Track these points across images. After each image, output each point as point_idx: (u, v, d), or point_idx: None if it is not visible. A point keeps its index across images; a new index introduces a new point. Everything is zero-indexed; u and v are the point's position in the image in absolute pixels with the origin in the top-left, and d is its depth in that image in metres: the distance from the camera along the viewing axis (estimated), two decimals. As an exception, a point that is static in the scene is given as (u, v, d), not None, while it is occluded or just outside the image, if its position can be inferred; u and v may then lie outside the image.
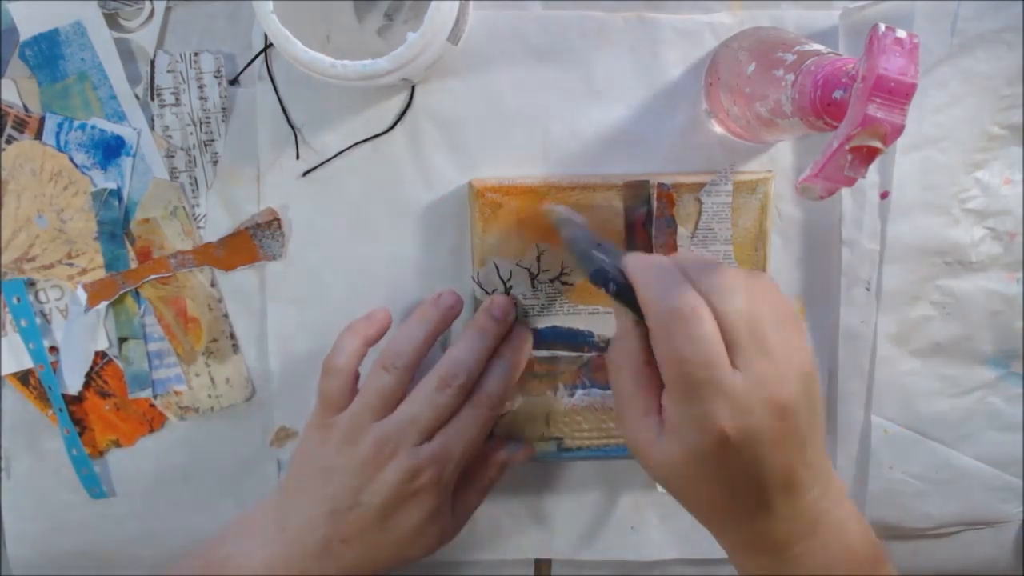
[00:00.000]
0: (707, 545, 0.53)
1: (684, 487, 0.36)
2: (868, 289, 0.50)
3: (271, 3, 0.39)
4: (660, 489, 0.49)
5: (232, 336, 0.51)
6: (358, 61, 0.40)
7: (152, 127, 0.49)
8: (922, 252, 0.50)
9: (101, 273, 0.50)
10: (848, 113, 0.29)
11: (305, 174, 0.49)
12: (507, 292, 0.48)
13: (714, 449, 0.33)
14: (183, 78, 0.48)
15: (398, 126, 0.49)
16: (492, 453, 0.48)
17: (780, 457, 0.33)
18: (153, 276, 0.50)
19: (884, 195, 0.49)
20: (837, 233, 0.50)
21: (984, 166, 0.49)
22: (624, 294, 0.36)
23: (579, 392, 0.48)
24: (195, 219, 0.50)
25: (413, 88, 0.48)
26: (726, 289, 0.34)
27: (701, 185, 0.47)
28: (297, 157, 0.49)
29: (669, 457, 0.34)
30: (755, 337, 0.33)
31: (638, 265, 0.36)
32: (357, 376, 0.45)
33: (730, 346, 0.33)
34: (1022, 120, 0.48)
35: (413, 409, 0.43)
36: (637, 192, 0.47)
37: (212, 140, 0.49)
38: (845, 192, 0.49)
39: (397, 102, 0.48)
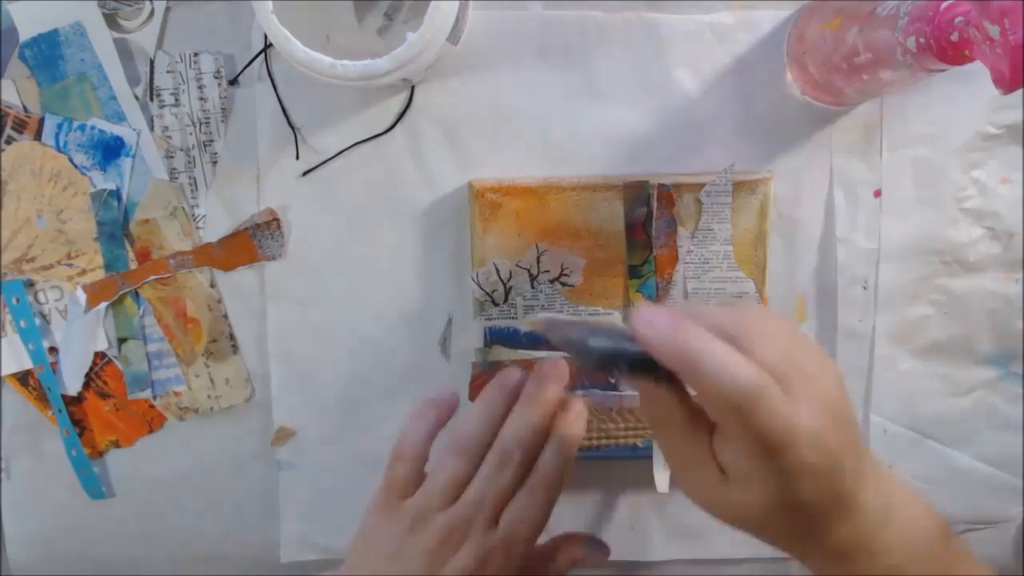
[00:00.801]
0: (707, 545, 0.53)
1: (763, 526, 0.35)
2: (865, 288, 0.50)
3: (271, 3, 0.39)
4: (660, 489, 0.49)
5: (232, 337, 0.51)
6: (358, 61, 0.40)
7: (152, 128, 0.49)
8: (919, 251, 0.50)
9: (101, 274, 0.50)
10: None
11: (305, 174, 0.49)
12: (506, 292, 0.48)
13: (796, 487, 0.32)
14: (183, 78, 0.48)
15: (398, 126, 0.49)
16: (567, 548, 0.47)
17: (850, 465, 0.33)
18: (153, 277, 0.50)
19: (877, 193, 0.49)
20: (834, 232, 0.50)
21: (981, 165, 0.49)
22: (639, 365, 0.34)
23: (579, 392, 0.48)
24: (194, 219, 0.50)
25: (413, 88, 0.48)
26: (757, 336, 0.33)
27: (701, 185, 0.47)
28: (297, 157, 0.49)
29: (745, 508, 0.34)
30: (798, 370, 0.33)
31: (657, 329, 0.33)
32: (425, 460, 0.44)
33: (782, 386, 0.32)
34: (1021, 119, 0.48)
35: (477, 495, 0.42)
36: (637, 192, 0.47)
37: (211, 140, 0.49)
38: (838, 190, 0.49)
39: (397, 102, 0.48)
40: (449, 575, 0.41)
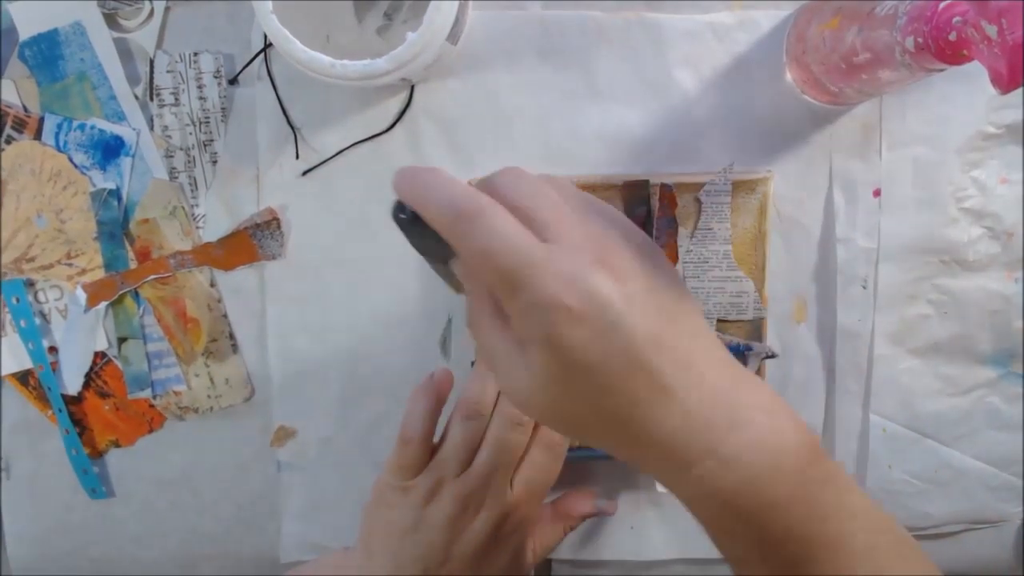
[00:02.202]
0: (707, 545, 0.53)
1: (573, 416, 0.31)
2: (865, 287, 0.50)
3: (271, 3, 0.39)
4: (660, 489, 0.49)
5: (231, 336, 0.51)
6: (358, 61, 0.40)
7: (151, 127, 0.49)
8: (919, 251, 0.50)
9: (100, 273, 0.50)
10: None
11: (305, 174, 0.49)
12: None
13: (560, 335, 0.28)
14: (182, 78, 0.48)
15: (398, 126, 0.49)
16: (577, 503, 0.49)
17: (649, 326, 0.29)
18: (152, 276, 0.50)
19: (876, 193, 0.49)
20: (833, 231, 0.50)
21: (980, 165, 0.49)
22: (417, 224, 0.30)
23: None
24: (194, 219, 0.50)
25: (413, 88, 0.48)
26: (511, 180, 0.30)
27: (700, 185, 0.47)
28: (297, 157, 0.49)
29: (541, 389, 0.30)
30: (561, 214, 0.29)
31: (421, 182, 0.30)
32: (430, 440, 0.44)
33: (536, 229, 0.29)
34: (1020, 119, 0.48)
35: (489, 457, 0.42)
36: (637, 192, 0.47)
37: (211, 140, 0.49)
38: (837, 189, 0.49)
39: (397, 102, 0.49)
40: (470, 540, 0.42)
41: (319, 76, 0.40)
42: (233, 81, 0.48)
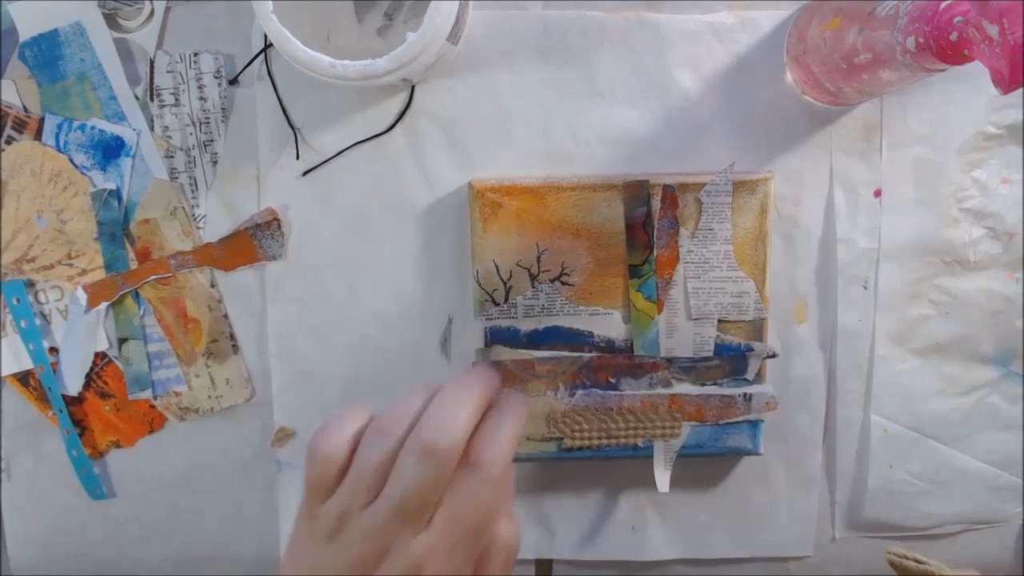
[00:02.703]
0: (707, 545, 0.53)
1: None
2: (865, 288, 0.50)
3: (271, 3, 0.39)
4: (660, 489, 0.49)
5: (232, 337, 0.51)
6: (358, 61, 0.40)
7: (152, 128, 0.49)
8: (919, 251, 0.50)
9: (101, 274, 0.50)
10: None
11: (305, 174, 0.49)
12: (507, 292, 0.48)
13: None
14: (182, 78, 0.48)
15: (398, 126, 0.49)
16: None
17: None
18: (153, 277, 0.50)
19: (877, 193, 0.49)
20: (834, 231, 0.50)
21: (981, 165, 0.49)
22: None
23: (579, 392, 0.49)
24: (195, 219, 0.50)
25: (413, 88, 0.48)
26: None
27: (701, 185, 0.47)
28: (297, 157, 0.49)
29: None
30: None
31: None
32: (347, 459, 0.36)
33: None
34: (1021, 119, 0.48)
35: (398, 490, 0.34)
36: (637, 192, 0.47)
37: (212, 140, 0.49)
38: (838, 189, 0.49)
39: (397, 102, 0.48)
40: None
41: (319, 76, 0.40)
42: (233, 81, 0.48)
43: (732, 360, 0.49)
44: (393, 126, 0.49)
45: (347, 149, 0.49)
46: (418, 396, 0.36)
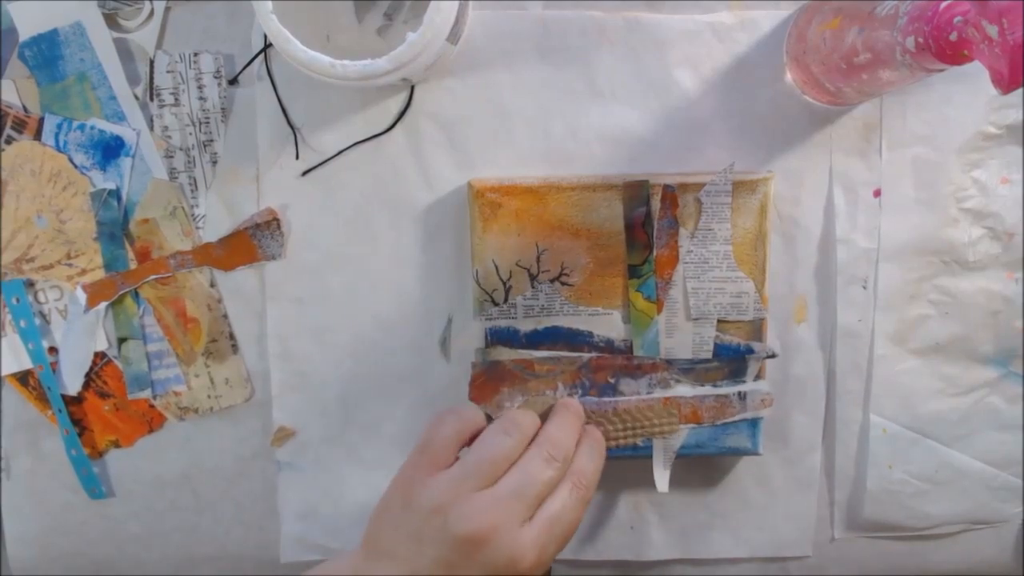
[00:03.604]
0: (707, 545, 0.53)
1: None
2: (865, 288, 0.50)
3: (271, 3, 0.39)
4: (660, 489, 0.49)
5: (231, 336, 0.51)
6: (358, 61, 0.40)
7: (151, 127, 0.49)
8: (919, 251, 0.50)
9: (100, 273, 0.50)
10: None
11: (305, 174, 0.49)
12: (506, 292, 0.48)
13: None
14: (182, 78, 0.48)
15: (398, 126, 0.49)
16: None
17: None
18: (152, 276, 0.50)
19: (876, 193, 0.49)
20: (834, 231, 0.50)
21: (981, 165, 0.49)
22: None
23: (579, 392, 0.49)
24: (194, 219, 0.50)
25: (413, 88, 0.48)
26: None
27: (701, 185, 0.47)
28: (297, 157, 0.49)
29: None
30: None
31: None
32: (459, 448, 0.42)
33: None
34: (1021, 119, 0.48)
35: (519, 483, 0.39)
36: (636, 192, 0.47)
37: (211, 140, 0.49)
38: (837, 189, 0.49)
39: (397, 102, 0.48)
40: (475, 569, 0.37)
41: (319, 76, 0.40)
42: (233, 81, 0.48)
43: (731, 362, 0.49)
44: (393, 126, 0.49)
45: (347, 149, 0.49)
46: (526, 415, 0.43)
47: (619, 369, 0.49)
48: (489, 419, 0.44)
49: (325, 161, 0.49)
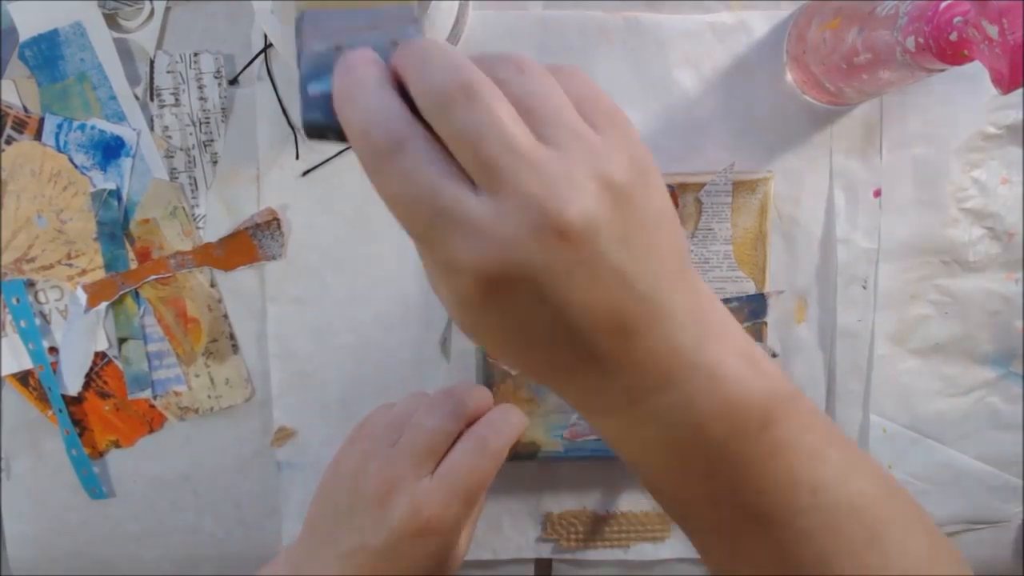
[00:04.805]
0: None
1: (483, 336, 0.28)
2: (865, 287, 0.50)
3: (270, 3, 0.39)
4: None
5: (232, 336, 0.51)
6: None
7: (152, 127, 0.49)
8: (919, 251, 0.50)
9: (101, 274, 0.50)
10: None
11: (305, 174, 0.49)
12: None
13: (475, 295, 0.25)
14: (183, 78, 0.48)
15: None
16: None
17: (583, 291, 0.25)
18: (153, 277, 0.50)
19: (876, 193, 0.49)
20: (834, 231, 0.50)
21: (981, 165, 0.49)
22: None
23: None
24: (194, 219, 0.50)
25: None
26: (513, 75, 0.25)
27: (701, 185, 0.47)
28: (297, 157, 0.49)
29: (449, 302, 0.27)
30: (566, 119, 0.25)
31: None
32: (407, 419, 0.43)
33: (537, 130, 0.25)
34: (1021, 119, 0.48)
35: (412, 437, 0.41)
36: (637, 192, 0.47)
37: (211, 140, 0.49)
38: (838, 189, 0.49)
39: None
40: (381, 526, 0.39)
41: None
42: (234, 81, 0.48)
43: (750, 303, 0.48)
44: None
45: (347, 149, 0.49)
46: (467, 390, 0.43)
47: None
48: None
49: (325, 161, 0.49)
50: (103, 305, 0.50)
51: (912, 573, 0.30)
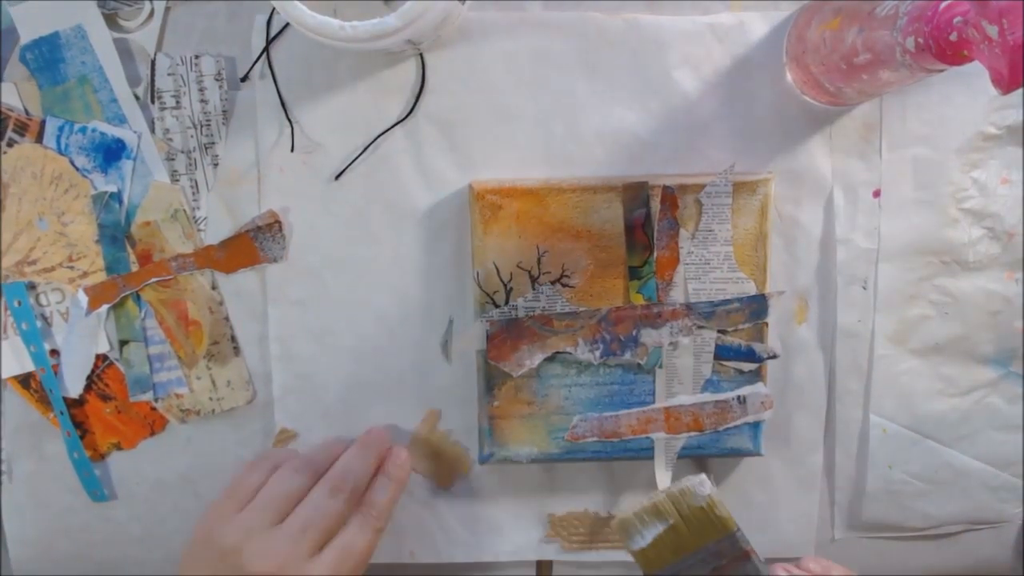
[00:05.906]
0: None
1: None
2: (865, 288, 0.50)
3: None
4: (660, 487, 0.49)
5: (233, 339, 0.51)
6: (367, 21, 0.39)
7: (152, 130, 0.49)
8: (919, 251, 0.50)
9: (102, 276, 0.50)
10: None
11: (337, 177, 0.49)
12: (507, 294, 0.48)
13: None
14: (183, 81, 0.48)
15: (398, 128, 0.49)
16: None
17: None
18: (154, 279, 0.50)
19: (876, 193, 0.49)
20: (833, 232, 0.50)
21: (981, 165, 0.49)
22: None
23: (600, 348, 0.48)
24: (196, 222, 0.50)
25: (418, 92, 0.48)
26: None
27: (701, 186, 0.47)
28: (292, 149, 0.49)
29: None
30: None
31: None
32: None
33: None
34: (1021, 120, 0.48)
35: (304, 518, 0.41)
36: (636, 193, 0.47)
37: (212, 143, 0.49)
38: (837, 190, 0.49)
39: (398, 103, 0.49)
40: None
41: (329, 41, 0.40)
42: (244, 79, 0.48)
43: (751, 303, 0.48)
44: (393, 127, 0.49)
45: (361, 155, 0.49)
46: (326, 450, 0.46)
47: (640, 319, 0.48)
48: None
49: (345, 169, 0.49)
50: (104, 307, 0.50)
51: None
